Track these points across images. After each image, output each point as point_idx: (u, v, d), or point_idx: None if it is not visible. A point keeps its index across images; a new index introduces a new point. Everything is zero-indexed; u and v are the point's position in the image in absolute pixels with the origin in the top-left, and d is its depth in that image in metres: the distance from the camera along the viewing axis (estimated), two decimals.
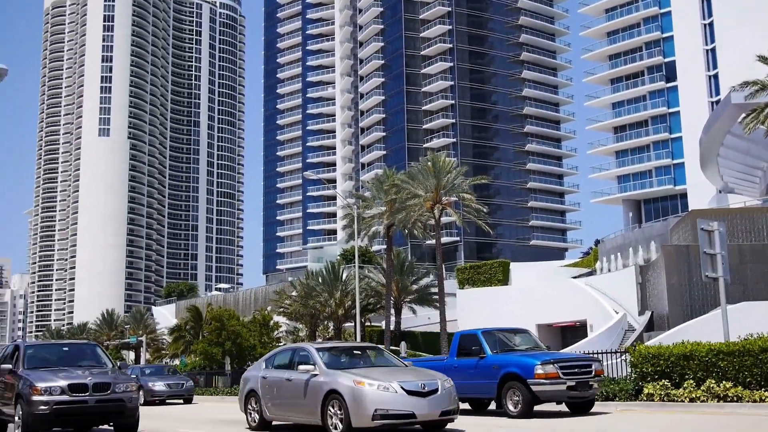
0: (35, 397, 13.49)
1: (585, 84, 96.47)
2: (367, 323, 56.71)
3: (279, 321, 56.15)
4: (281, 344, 55.54)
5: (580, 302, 52.44)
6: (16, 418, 14.07)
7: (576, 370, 16.99)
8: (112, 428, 15.26)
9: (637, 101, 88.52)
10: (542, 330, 56.99)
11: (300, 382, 14.46)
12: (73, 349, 17.09)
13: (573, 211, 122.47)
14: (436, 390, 13.22)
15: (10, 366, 15.07)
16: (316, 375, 14.26)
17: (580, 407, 17.51)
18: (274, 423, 16.01)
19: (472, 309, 59.93)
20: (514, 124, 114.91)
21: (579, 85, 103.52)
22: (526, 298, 56.78)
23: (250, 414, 16.03)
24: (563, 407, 18.01)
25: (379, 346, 20.48)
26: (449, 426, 14.41)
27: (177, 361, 62.80)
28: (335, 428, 13.42)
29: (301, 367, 14.58)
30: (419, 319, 57.92)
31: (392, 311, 51.83)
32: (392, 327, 51.16)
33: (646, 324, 43.75)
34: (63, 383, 13.79)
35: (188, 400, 34.11)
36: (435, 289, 52.13)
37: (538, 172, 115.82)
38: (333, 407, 13.50)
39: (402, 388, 12.96)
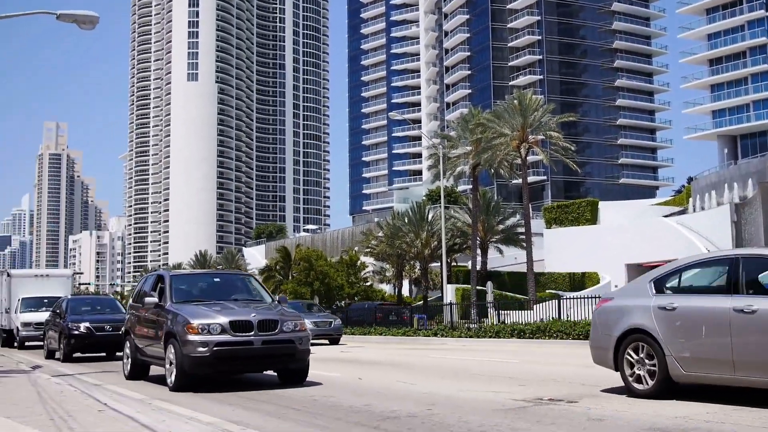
0: (191, 337, 11.07)
1: (678, 15, 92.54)
2: (453, 263, 56.78)
3: (366, 261, 56.76)
4: (368, 284, 56.37)
5: (672, 242, 51.31)
6: (167, 363, 11.70)
7: None
8: (275, 375, 12.50)
9: (734, 31, 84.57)
10: (631, 270, 56.14)
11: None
12: (224, 280, 14.66)
13: (665, 148, 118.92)
14: None
15: (156, 299, 12.68)
16: None
17: None
18: (688, 382, 8.98)
19: (560, 249, 59.41)
20: (604, 59, 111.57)
21: (672, 16, 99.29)
22: (615, 238, 55.90)
23: (632, 369, 9.24)
24: None
25: None
26: None
27: None
28: None
29: None
30: (506, 259, 57.66)
31: (478, 251, 51.71)
32: (478, 267, 51.10)
33: None
34: (223, 320, 11.25)
35: (335, 341, 29.69)
36: (521, 229, 51.69)
37: (628, 108, 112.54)
38: None
39: None
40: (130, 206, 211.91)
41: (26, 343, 28.78)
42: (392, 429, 7.25)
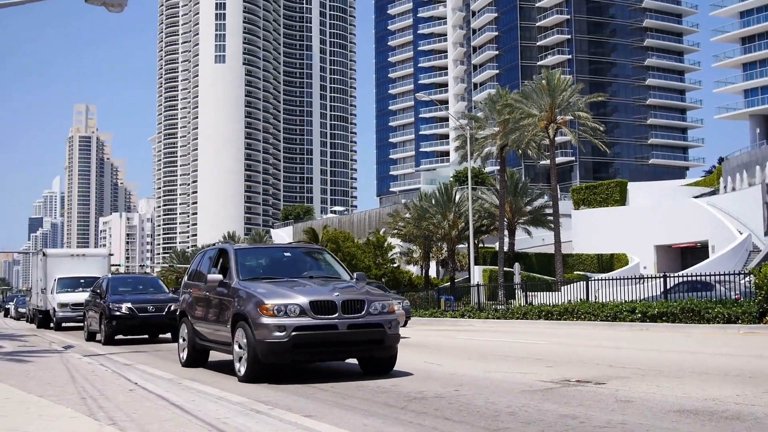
0: (266, 319, 9.50)
1: None
2: (480, 245, 56.69)
3: (393, 243, 56.82)
4: (395, 266, 56.48)
5: (702, 222, 50.86)
6: (236, 347, 10.12)
7: None
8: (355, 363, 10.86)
9: (767, 9, 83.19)
10: (660, 251, 55.75)
11: None
12: (296, 254, 12.69)
13: (695, 128, 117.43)
14: None
15: (220, 276, 11.09)
16: None
17: None
18: None
19: (588, 230, 59.09)
20: (633, 37, 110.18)
21: None
22: (644, 219, 55.51)
23: None
24: None
25: None
26: None
27: None
28: None
29: None
30: (533, 240, 57.48)
31: (506, 232, 51.58)
32: (506, 248, 50.98)
33: None
34: (303, 300, 9.66)
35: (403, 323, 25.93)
36: (549, 210, 51.49)
37: (658, 87, 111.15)
38: None
39: None
40: (159, 188, 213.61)
41: (63, 325, 28.29)
42: (419, 410, 7.28)
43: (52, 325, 29.15)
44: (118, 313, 19.33)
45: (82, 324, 26.97)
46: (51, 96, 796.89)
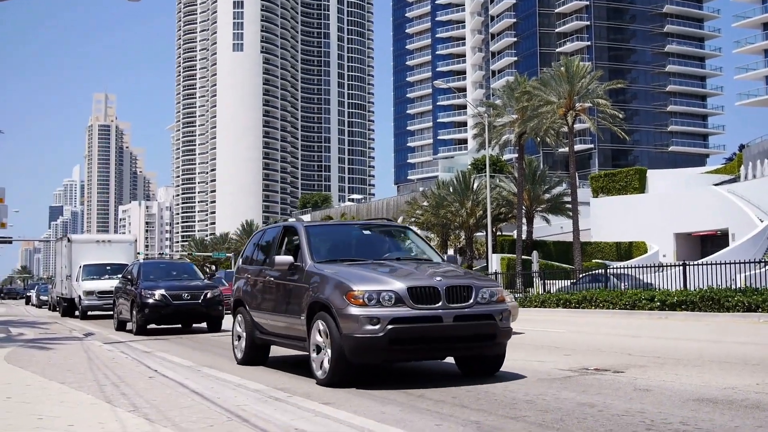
0: (354, 310, 7.74)
1: None
2: (498, 233, 56.59)
3: None
4: None
5: (722, 210, 50.47)
6: (314, 342, 8.35)
7: None
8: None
9: None
10: (680, 239, 55.41)
11: None
12: (377, 232, 10.62)
13: (716, 115, 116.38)
14: None
15: (291, 259, 9.24)
16: None
17: None
18: None
19: (607, 218, 58.78)
20: (653, 23, 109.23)
21: None
22: (663, 207, 55.14)
23: None
24: None
25: None
26: None
27: None
28: None
29: None
30: (552, 228, 57.28)
31: (524, 220, 51.44)
32: (524, 236, 50.86)
33: None
34: (399, 286, 7.85)
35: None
36: (568, 198, 51.29)
37: (679, 74, 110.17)
38: None
39: None
40: (178, 176, 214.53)
41: (89, 313, 27.69)
42: (437, 398, 7.27)
43: (77, 313, 28.52)
44: (151, 301, 18.22)
45: (108, 312, 26.41)
46: (70, 85, 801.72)
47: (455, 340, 8.03)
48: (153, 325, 19.07)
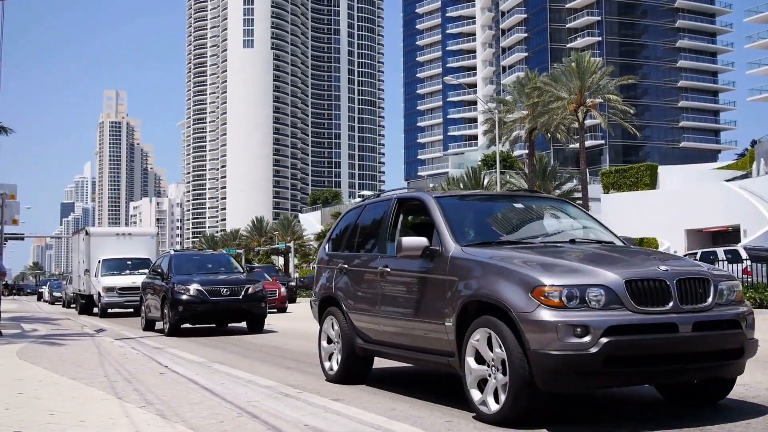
0: (547, 313, 5.26)
1: None
2: None
3: None
4: None
5: (734, 206, 50.23)
6: (472, 360, 5.85)
7: None
8: None
9: None
10: (691, 235, 55.23)
11: None
12: (527, 207, 7.68)
13: (728, 111, 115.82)
14: None
15: (426, 241, 6.62)
16: None
17: None
18: None
19: (617, 214, 58.56)
20: (665, 19, 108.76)
21: None
22: (675, 203, 54.91)
23: None
24: None
25: None
26: None
27: None
28: None
29: None
30: None
31: None
32: None
33: None
34: (612, 278, 5.39)
35: None
36: (578, 194, 51.14)
37: (690, 69, 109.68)
38: None
39: None
40: (189, 173, 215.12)
41: (109, 311, 26.17)
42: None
43: (96, 310, 26.83)
44: (185, 297, 16.13)
45: (128, 311, 25.79)
46: (81, 82, 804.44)
47: (693, 358, 5.46)
48: (187, 325, 17.02)
